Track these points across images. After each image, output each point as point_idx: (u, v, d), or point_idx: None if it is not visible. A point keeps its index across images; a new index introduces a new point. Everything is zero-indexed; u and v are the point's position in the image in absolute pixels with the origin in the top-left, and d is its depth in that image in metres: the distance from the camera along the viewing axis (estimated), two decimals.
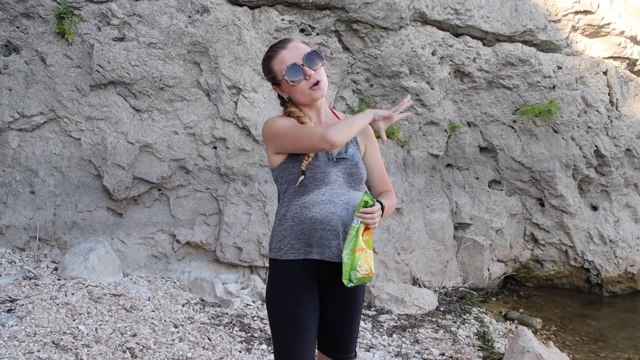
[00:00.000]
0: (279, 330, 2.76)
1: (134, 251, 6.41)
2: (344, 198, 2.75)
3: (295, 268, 2.75)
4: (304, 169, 2.71)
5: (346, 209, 2.74)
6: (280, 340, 2.75)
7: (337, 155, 2.78)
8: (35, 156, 6.25)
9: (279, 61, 2.75)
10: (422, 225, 7.63)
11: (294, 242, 2.75)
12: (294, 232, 2.74)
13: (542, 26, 7.81)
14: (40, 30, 6.16)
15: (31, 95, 6.20)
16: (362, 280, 2.64)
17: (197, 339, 4.79)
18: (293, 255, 2.75)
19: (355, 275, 2.61)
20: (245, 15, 6.51)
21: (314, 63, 2.73)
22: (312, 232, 2.71)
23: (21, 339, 4.21)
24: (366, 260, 2.65)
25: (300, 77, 2.71)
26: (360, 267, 2.62)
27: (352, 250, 2.61)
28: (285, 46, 2.77)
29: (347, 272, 2.62)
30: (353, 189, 2.79)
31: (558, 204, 8.03)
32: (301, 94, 2.75)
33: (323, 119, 2.86)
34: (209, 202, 6.58)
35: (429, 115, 7.42)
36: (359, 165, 2.81)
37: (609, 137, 8.10)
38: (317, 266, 2.75)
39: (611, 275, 8.19)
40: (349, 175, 2.77)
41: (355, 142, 2.88)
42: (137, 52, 6.19)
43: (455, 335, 5.92)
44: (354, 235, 2.62)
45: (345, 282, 2.63)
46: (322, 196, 2.72)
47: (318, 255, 2.72)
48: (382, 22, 6.78)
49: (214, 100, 6.45)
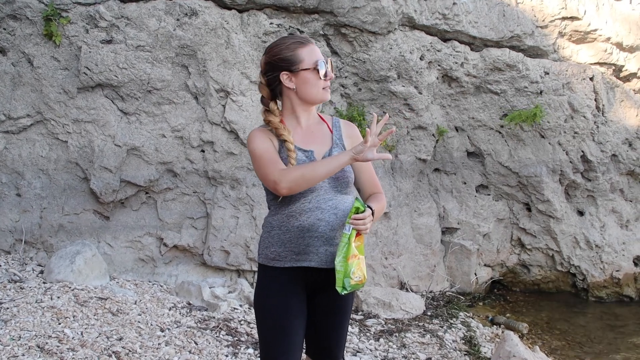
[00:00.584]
0: (265, 334, 2.77)
1: (120, 254, 6.38)
2: (332, 203, 2.75)
3: (282, 274, 2.76)
4: None
5: (334, 213, 2.74)
6: (265, 343, 2.76)
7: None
8: (21, 158, 6.21)
9: (310, 51, 2.77)
10: (410, 229, 7.64)
11: (280, 250, 2.75)
12: (281, 241, 2.75)
13: (530, 32, 7.85)
14: (28, 32, 6.13)
15: (18, 97, 6.16)
16: (356, 287, 2.64)
17: (183, 343, 4.77)
18: (280, 263, 2.76)
19: (348, 282, 2.61)
20: (233, 18, 6.51)
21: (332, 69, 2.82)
22: (299, 240, 2.72)
23: (6, 342, 4.18)
24: (359, 266, 2.64)
25: (324, 75, 2.77)
26: (353, 274, 2.61)
27: (345, 257, 2.61)
28: (312, 42, 2.83)
29: (340, 280, 2.61)
30: (340, 192, 2.79)
31: (545, 209, 8.06)
32: (316, 89, 2.78)
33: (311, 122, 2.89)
34: (197, 205, 6.56)
35: (417, 119, 7.44)
36: (345, 168, 2.78)
37: (595, 143, 8.14)
38: (305, 272, 2.75)
39: (597, 280, 8.23)
40: (334, 179, 2.77)
41: (340, 145, 2.88)
42: (125, 55, 6.17)
43: (442, 339, 5.93)
44: (346, 242, 2.62)
45: (339, 289, 2.62)
46: (308, 204, 2.72)
47: (306, 263, 2.73)
48: (371, 26, 6.80)
49: (202, 104, 6.44)
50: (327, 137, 2.88)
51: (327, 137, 2.88)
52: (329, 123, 2.94)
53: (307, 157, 2.76)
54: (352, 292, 2.85)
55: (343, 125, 2.97)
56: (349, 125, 3.00)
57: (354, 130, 2.99)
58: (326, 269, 2.73)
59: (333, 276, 2.66)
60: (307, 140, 2.83)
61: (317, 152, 2.80)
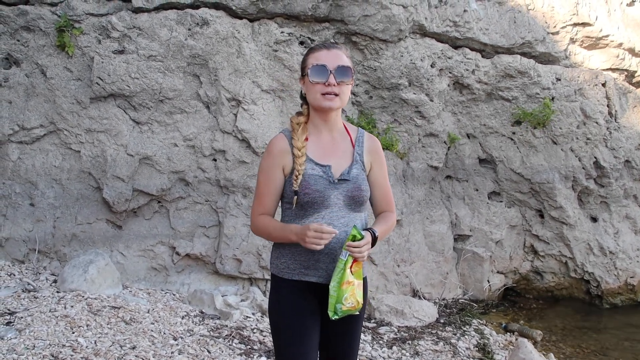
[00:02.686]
0: (278, 339, 2.79)
1: (133, 263, 6.40)
2: (344, 221, 2.74)
3: (293, 285, 2.77)
4: (296, 189, 2.71)
5: (345, 231, 2.72)
6: (280, 348, 2.77)
7: (339, 177, 2.76)
8: (35, 168, 6.26)
9: (315, 57, 2.76)
10: (422, 237, 7.63)
11: (290, 262, 2.77)
12: (291, 253, 2.76)
13: (541, 38, 7.84)
14: (41, 43, 6.19)
15: (31, 107, 6.21)
16: (348, 312, 2.65)
17: (196, 352, 4.77)
18: (288, 275, 2.77)
19: (340, 308, 2.62)
20: (244, 27, 6.54)
21: (342, 76, 2.73)
22: (309, 255, 2.72)
23: (20, 352, 4.19)
24: (352, 293, 2.64)
25: (321, 80, 2.71)
26: (345, 300, 2.62)
27: (339, 283, 2.62)
28: (330, 48, 2.78)
29: (332, 305, 2.62)
30: (353, 210, 2.78)
31: (558, 215, 8.03)
32: (314, 95, 2.75)
33: (335, 134, 2.86)
34: (209, 214, 6.58)
35: (428, 127, 7.43)
36: (362, 187, 2.78)
37: (608, 149, 8.11)
38: (315, 286, 2.76)
39: (611, 287, 8.17)
40: (350, 198, 2.76)
41: (360, 162, 2.85)
42: (137, 65, 6.21)
43: (455, 347, 5.91)
44: (341, 268, 2.62)
45: (330, 314, 2.64)
46: (321, 219, 2.72)
47: (314, 278, 2.74)
48: (381, 34, 6.81)
49: (213, 113, 6.47)
50: (349, 152, 2.86)
51: (348, 152, 2.86)
52: (352, 136, 2.91)
53: (324, 172, 2.75)
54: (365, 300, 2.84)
55: (366, 140, 2.94)
56: (373, 140, 2.97)
57: (377, 144, 2.96)
58: None
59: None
60: (327, 153, 2.81)
61: (334, 167, 2.78)
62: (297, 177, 2.71)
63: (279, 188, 2.80)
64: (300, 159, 2.73)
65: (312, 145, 2.79)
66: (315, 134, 2.83)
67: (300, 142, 2.75)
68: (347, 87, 2.76)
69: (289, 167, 2.77)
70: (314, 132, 2.83)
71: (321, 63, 2.72)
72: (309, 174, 2.73)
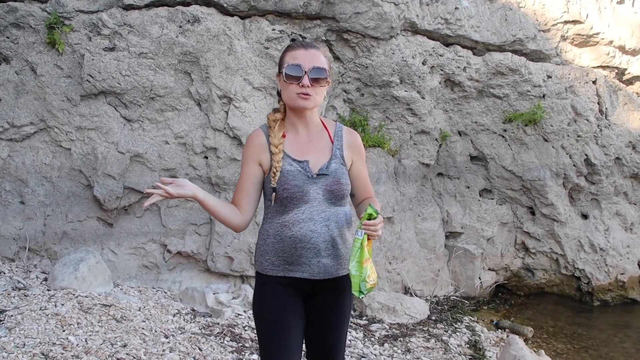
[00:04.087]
0: (263, 335, 2.79)
1: (124, 261, 6.38)
2: (324, 215, 2.75)
3: (277, 282, 2.78)
4: (274, 186, 2.73)
5: (326, 225, 2.75)
6: (265, 346, 2.77)
7: (317, 172, 2.77)
8: (25, 166, 6.23)
9: (292, 56, 2.75)
10: (414, 234, 7.64)
11: (274, 259, 2.78)
12: (275, 250, 2.77)
13: (532, 36, 7.86)
14: (31, 40, 6.15)
15: (21, 105, 6.18)
16: (371, 290, 2.67)
17: (187, 349, 4.77)
18: (273, 272, 2.78)
19: (365, 286, 2.63)
20: (236, 25, 6.52)
21: (317, 77, 2.72)
22: (292, 251, 2.74)
23: (10, 350, 4.18)
24: (373, 270, 2.68)
25: (295, 80, 2.70)
26: (369, 278, 2.64)
27: (359, 261, 2.63)
28: (307, 48, 2.77)
29: (357, 284, 2.63)
30: (334, 205, 2.78)
31: (549, 212, 8.05)
32: (288, 94, 2.75)
33: (312, 131, 2.86)
34: (200, 211, 6.57)
35: (420, 124, 7.44)
36: (341, 181, 2.79)
37: (599, 146, 8.14)
38: (299, 282, 2.77)
39: (602, 284, 8.21)
40: (329, 192, 2.76)
41: (340, 157, 2.85)
42: (127, 62, 6.18)
43: (446, 344, 5.92)
44: (358, 247, 2.63)
45: (356, 294, 2.64)
46: (301, 214, 2.73)
47: (299, 274, 2.76)
48: (373, 31, 6.81)
49: (204, 110, 6.45)
50: (327, 147, 2.86)
51: (326, 147, 2.86)
52: (331, 131, 2.91)
53: (301, 168, 2.75)
54: (350, 294, 2.84)
55: (345, 134, 2.93)
56: (352, 134, 2.97)
57: (356, 139, 2.95)
58: (319, 280, 2.75)
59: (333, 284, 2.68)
60: (304, 150, 2.81)
61: (312, 162, 2.78)
62: (275, 174, 2.72)
63: (255, 183, 2.82)
64: (277, 155, 2.74)
65: (289, 142, 2.80)
66: (292, 131, 2.84)
67: (277, 139, 2.77)
68: (322, 89, 2.76)
69: (267, 163, 2.78)
70: (291, 129, 2.84)
71: (297, 63, 2.71)
72: (287, 170, 2.73)
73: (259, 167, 2.80)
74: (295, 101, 2.73)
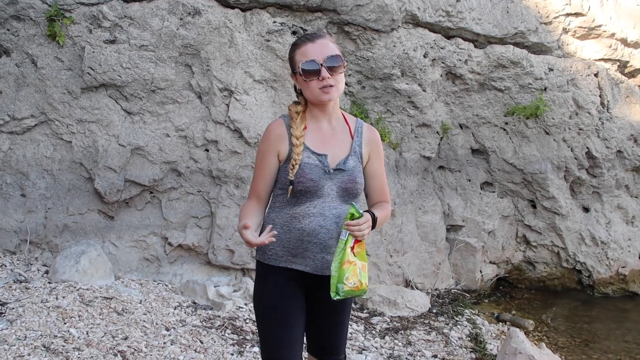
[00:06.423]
0: (263, 326, 2.77)
1: (125, 254, 6.38)
2: (335, 212, 2.73)
3: (279, 273, 2.76)
4: (291, 179, 2.69)
5: (336, 222, 2.71)
6: (265, 336, 2.76)
7: (335, 167, 2.75)
8: (26, 159, 6.22)
9: (302, 52, 2.72)
10: (415, 227, 7.63)
11: (278, 249, 2.75)
12: (280, 240, 2.73)
13: (534, 28, 7.84)
14: (31, 33, 6.14)
15: (22, 98, 6.17)
16: (351, 293, 2.62)
17: (189, 342, 4.77)
18: (275, 262, 2.75)
19: (342, 288, 2.59)
20: (236, 17, 6.50)
21: (333, 66, 2.69)
22: (298, 244, 2.71)
23: (11, 342, 4.18)
24: (354, 273, 2.62)
25: (314, 76, 2.68)
26: (347, 280, 2.59)
27: (340, 262, 2.60)
28: (314, 40, 2.74)
29: (334, 285, 2.61)
30: (346, 202, 2.75)
31: (550, 205, 8.05)
32: (310, 92, 2.72)
33: (333, 124, 2.84)
34: (201, 204, 6.56)
35: (421, 117, 7.42)
36: (357, 179, 2.78)
37: (600, 139, 8.12)
38: (301, 275, 2.75)
39: (603, 277, 8.21)
40: (343, 189, 2.74)
41: (358, 153, 2.84)
42: (128, 55, 6.17)
43: (447, 337, 5.92)
44: (341, 248, 2.61)
45: (332, 294, 2.61)
46: (313, 208, 2.71)
47: (301, 267, 2.73)
48: (374, 24, 6.79)
49: (205, 103, 6.44)
50: (347, 143, 2.84)
51: (346, 142, 2.84)
52: (351, 127, 2.89)
53: (320, 161, 2.73)
54: None
55: (365, 131, 2.92)
56: (372, 131, 2.96)
57: (375, 135, 2.94)
58: (321, 275, 2.74)
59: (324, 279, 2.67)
60: (324, 143, 2.79)
61: (331, 156, 2.76)
62: (294, 166, 2.69)
63: (273, 173, 2.79)
64: (298, 148, 2.71)
65: (310, 134, 2.78)
66: (313, 123, 2.81)
67: (299, 131, 2.74)
68: (341, 75, 2.74)
69: (284, 153, 2.75)
70: (312, 122, 2.81)
71: (310, 59, 2.68)
72: (304, 163, 2.71)
73: (277, 157, 2.77)
74: (320, 96, 2.71)
